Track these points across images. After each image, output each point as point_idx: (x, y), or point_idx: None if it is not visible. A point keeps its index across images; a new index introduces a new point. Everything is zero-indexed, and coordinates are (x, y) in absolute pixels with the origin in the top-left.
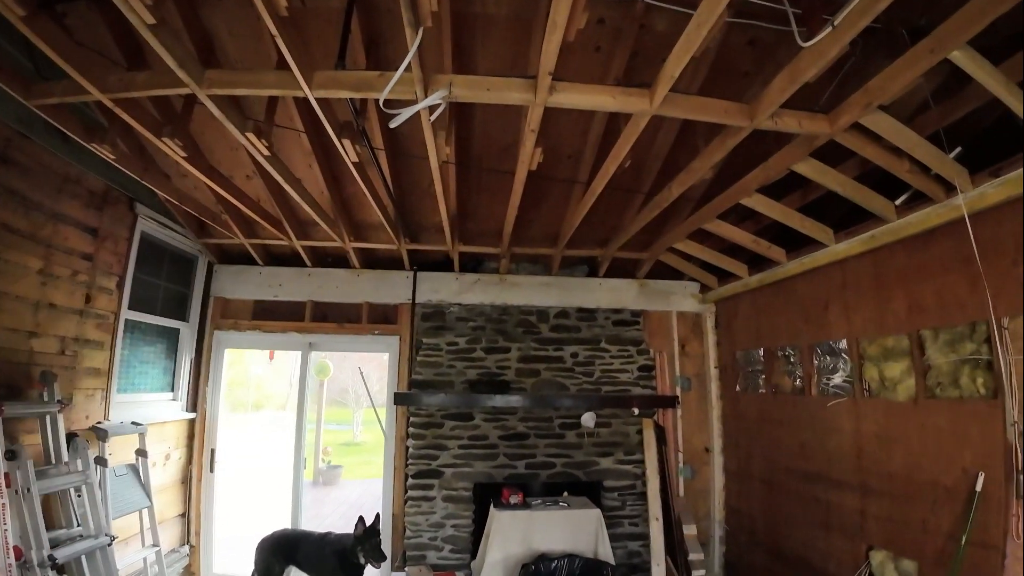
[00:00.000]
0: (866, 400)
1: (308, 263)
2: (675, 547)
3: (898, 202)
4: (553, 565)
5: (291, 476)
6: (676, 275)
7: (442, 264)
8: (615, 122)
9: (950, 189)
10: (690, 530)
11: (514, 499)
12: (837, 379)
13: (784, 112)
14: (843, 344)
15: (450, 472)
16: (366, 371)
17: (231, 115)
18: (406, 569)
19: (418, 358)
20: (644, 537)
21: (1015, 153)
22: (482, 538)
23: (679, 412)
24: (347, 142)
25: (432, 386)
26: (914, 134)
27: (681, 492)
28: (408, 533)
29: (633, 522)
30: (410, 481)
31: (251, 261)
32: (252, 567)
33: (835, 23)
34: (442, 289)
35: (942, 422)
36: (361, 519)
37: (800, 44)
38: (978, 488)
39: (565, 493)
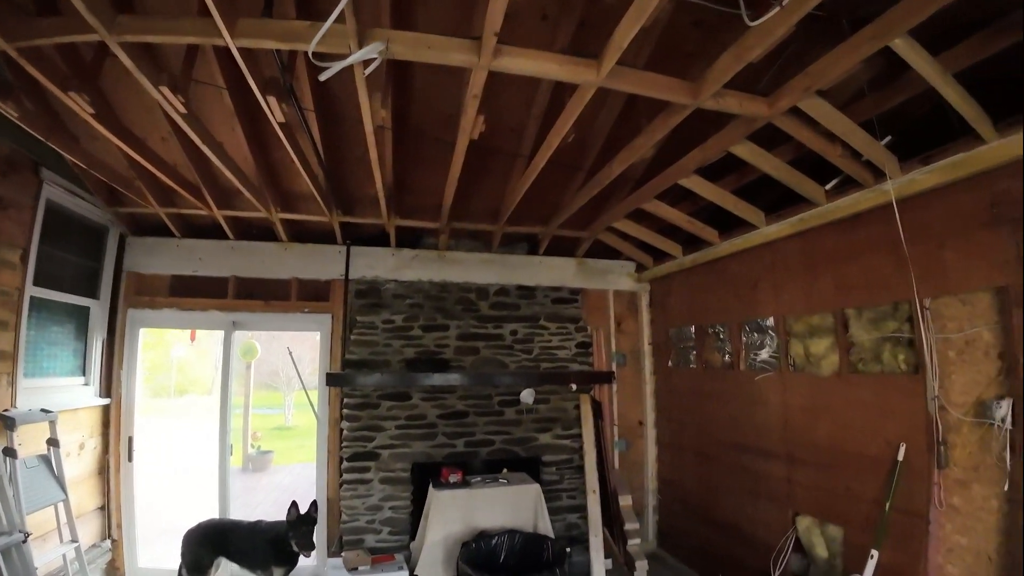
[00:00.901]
0: (792, 375)
1: (230, 235)
2: (612, 518)
3: (828, 187)
4: (494, 542)
5: (217, 463)
6: (614, 254)
7: (377, 239)
8: (560, 95)
9: (879, 175)
10: (626, 501)
11: (453, 478)
12: (764, 355)
13: (726, 92)
14: (770, 322)
15: (387, 453)
16: (297, 352)
17: (144, 67)
18: (343, 554)
19: (352, 337)
20: (582, 509)
21: (945, 143)
22: (421, 519)
23: (615, 387)
24: (272, 100)
25: (367, 366)
26: (848, 120)
27: (616, 464)
28: (344, 517)
29: (571, 495)
30: (345, 464)
31: (167, 233)
32: (179, 561)
33: (784, 2)
34: (377, 265)
35: (865, 396)
36: (295, 504)
37: (747, 23)
38: (900, 458)
39: (504, 470)
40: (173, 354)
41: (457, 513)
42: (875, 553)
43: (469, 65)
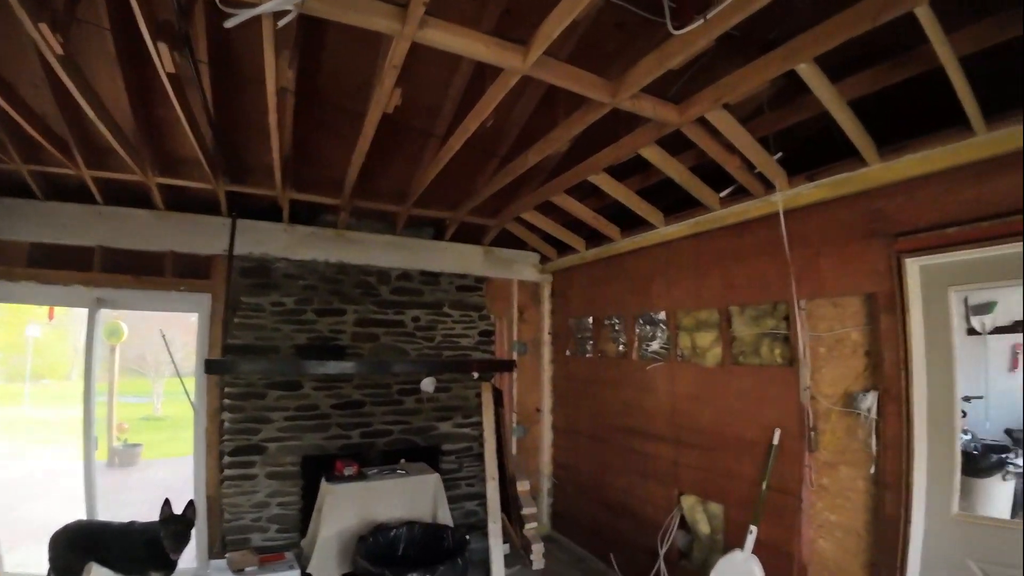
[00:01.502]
0: (680, 364)
1: (99, 199)
2: (509, 503)
3: (723, 194)
4: (392, 534)
5: (81, 457)
6: (519, 244)
7: (268, 212)
8: (479, 79)
9: (769, 187)
10: (523, 486)
11: (348, 471)
12: (655, 345)
13: (642, 96)
14: (662, 315)
15: (275, 446)
16: (170, 334)
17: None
18: (227, 555)
19: (236, 320)
20: (480, 496)
21: (830, 162)
22: (313, 514)
23: (515, 375)
24: (164, 47)
25: (253, 351)
26: (748, 134)
27: (514, 450)
28: (227, 516)
29: (470, 483)
30: (227, 459)
31: (29, 194)
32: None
33: (708, 16)
34: (267, 241)
35: (745, 385)
36: (167, 502)
37: (671, 31)
38: (775, 442)
39: (403, 460)
40: (28, 333)
41: (353, 507)
42: (754, 528)
43: (392, 33)
